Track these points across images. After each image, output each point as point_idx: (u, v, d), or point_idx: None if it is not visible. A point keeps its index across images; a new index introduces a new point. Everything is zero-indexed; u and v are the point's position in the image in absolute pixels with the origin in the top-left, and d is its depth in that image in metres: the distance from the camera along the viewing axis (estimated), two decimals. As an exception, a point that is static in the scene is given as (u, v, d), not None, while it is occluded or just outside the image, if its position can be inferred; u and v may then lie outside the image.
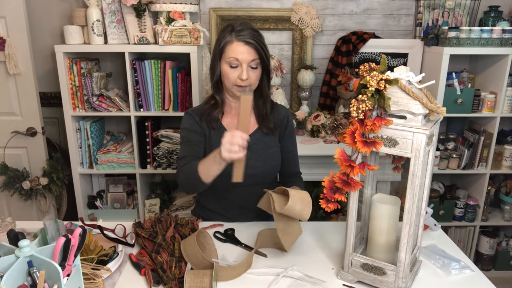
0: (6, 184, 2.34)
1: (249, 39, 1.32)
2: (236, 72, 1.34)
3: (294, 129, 1.58)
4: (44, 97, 2.50)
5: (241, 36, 1.32)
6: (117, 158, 2.34)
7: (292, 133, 1.55)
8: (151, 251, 1.19)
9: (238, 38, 1.32)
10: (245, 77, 1.33)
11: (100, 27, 2.19)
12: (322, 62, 2.59)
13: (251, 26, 1.37)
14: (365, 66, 1.04)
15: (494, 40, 2.18)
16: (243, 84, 1.35)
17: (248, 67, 1.34)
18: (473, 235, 2.55)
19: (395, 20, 2.54)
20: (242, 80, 1.34)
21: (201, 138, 1.44)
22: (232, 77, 1.35)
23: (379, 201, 1.09)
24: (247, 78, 1.33)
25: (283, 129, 1.52)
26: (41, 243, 1.09)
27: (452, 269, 1.17)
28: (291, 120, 1.55)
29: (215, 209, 1.53)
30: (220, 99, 1.44)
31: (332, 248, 1.30)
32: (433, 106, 0.93)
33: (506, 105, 2.30)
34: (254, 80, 1.37)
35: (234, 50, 1.32)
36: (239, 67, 1.34)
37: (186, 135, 1.44)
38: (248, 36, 1.32)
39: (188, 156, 1.38)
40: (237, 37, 1.33)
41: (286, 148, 1.52)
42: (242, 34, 1.32)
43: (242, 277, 1.13)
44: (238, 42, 1.32)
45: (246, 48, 1.32)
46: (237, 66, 1.34)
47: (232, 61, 1.33)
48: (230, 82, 1.36)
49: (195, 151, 1.40)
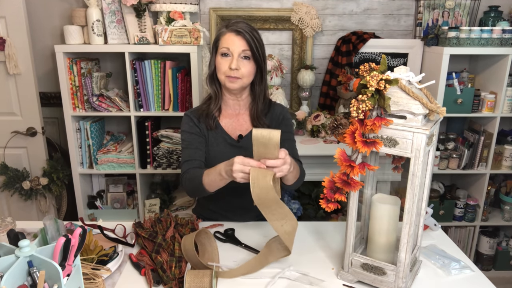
0: (6, 184, 2.34)
1: (241, 29, 1.34)
2: (227, 61, 1.36)
3: (292, 123, 1.57)
4: (44, 97, 2.50)
5: (233, 26, 1.35)
6: (117, 158, 2.34)
7: (289, 125, 1.53)
8: (151, 251, 1.19)
9: (230, 29, 1.36)
10: (234, 66, 1.33)
11: (100, 27, 2.19)
12: (322, 62, 2.59)
13: (247, 22, 1.40)
14: (365, 66, 1.04)
15: (494, 40, 2.18)
16: (233, 75, 1.35)
17: (239, 58, 1.35)
18: (473, 235, 2.55)
19: (395, 20, 2.54)
20: (231, 70, 1.34)
21: (202, 139, 1.45)
22: (223, 67, 1.36)
23: (379, 201, 1.09)
24: (236, 67, 1.34)
25: (279, 123, 1.50)
26: (41, 243, 1.09)
27: (452, 269, 1.17)
28: (288, 115, 1.54)
29: (215, 208, 1.54)
30: (213, 92, 1.45)
31: (332, 248, 1.30)
32: (433, 106, 0.93)
33: (506, 105, 2.30)
34: (246, 73, 1.37)
35: (226, 40, 1.35)
36: (230, 57, 1.35)
37: (187, 138, 1.45)
38: (240, 27, 1.35)
39: (190, 160, 1.40)
40: (229, 28, 1.36)
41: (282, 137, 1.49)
42: (234, 26, 1.35)
43: (241, 277, 1.13)
44: (230, 32, 1.35)
45: (237, 38, 1.34)
46: (228, 55, 1.36)
47: (223, 50, 1.36)
48: (221, 72, 1.37)
49: (197, 155, 1.42)
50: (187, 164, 1.40)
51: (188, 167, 1.39)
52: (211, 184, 1.26)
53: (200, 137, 1.45)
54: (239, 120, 1.49)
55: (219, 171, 1.19)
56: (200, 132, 1.45)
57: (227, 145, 1.46)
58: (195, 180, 1.30)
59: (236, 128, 1.48)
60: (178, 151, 2.29)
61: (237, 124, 1.48)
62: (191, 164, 1.39)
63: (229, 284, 1.11)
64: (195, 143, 1.43)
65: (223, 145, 1.45)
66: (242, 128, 1.48)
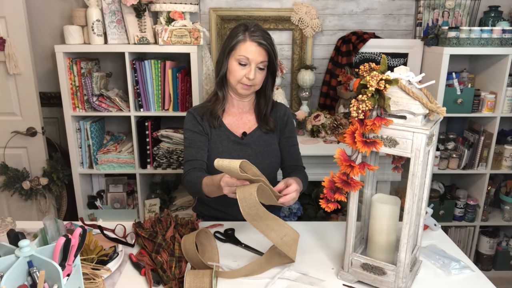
0: (6, 184, 2.34)
1: (262, 40, 1.36)
2: (244, 70, 1.38)
3: (295, 126, 1.60)
4: (44, 97, 2.50)
5: (254, 36, 1.36)
6: (117, 158, 2.34)
7: (293, 129, 1.57)
8: (151, 251, 1.19)
9: (252, 38, 1.36)
10: (252, 77, 1.37)
11: (100, 27, 2.19)
12: (322, 62, 2.59)
13: (263, 28, 1.41)
14: (365, 66, 1.04)
15: (494, 40, 2.18)
16: (248, 84, 1.39)
17: (256, 68, 1.38)
18: (473, 235, 2.55)
19: (395, 20, 2.54)
20: (248, 79, 1.38)
21: (204, 137, 1.47)
22: (239, 74, 1.38)
23: (379, 201, 1.09)
24: (254, 78, 1.37)
25: (284, 125, 1.54)
26: (41, 243, 1.09)
27: (452, 269, 1.17)
28: (291, 116, 1.58)
29: (216, 206, 1.55)
30: (222, 95, 1.47)
31: (332, 248, 1.30)
32: (433, 106, 0.93)
33: (506, 105, 2.30)
34: (259, 81, 1.42)
35: (247, 49, 1.36)
36: (248, 66, 1.38)
37: (189, 137, 1.47)
38: (261, 37, 1.37)
39: (192, 160, 1.42)
40: (250, 37, 1.36)
41: (287, 143, 1.54)
42: (256, 35, 1.36)
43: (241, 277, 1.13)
44: (252, 42, 1.36)
45: (258, 49, 1.36)
46: (246, 64, 1.38)
47: (242, 59, 1.37)
48: (236, 79, 1.40)
49: (199, 155, 1.44)
50: (189, 164, 1.42)
51: (189, 167, 1.41)
52: (210, 193, 1.29)
53: (202, 136, 1.46)
54: (243, 119, 1.51)
55: (217, 185, 1.20)
56: (202, 131, 1.47)
57: (230, 142, 1.47)
58: (195, 186, 1.33)
59: (239, 126, 1.50)
60: (178, 151, 2.29)
61: (241, 122, 1.50)
62: (193, 164, 1.42)
63: (229, 284, 1.11)
64: (198, 142, 1.45)
65: (226, 142, 1.47)
66: (245, 126, 1.51)
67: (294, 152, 1.55)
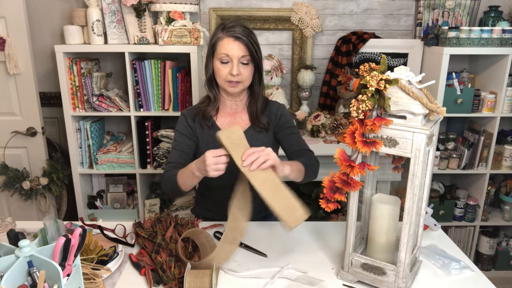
0: (6, 184, 2.34)
1: (239, 34, 1.34)
2: (227, 68, 1.36)
3: (290, 117, 1.57)
4: (44, 97, 2.50)
5: (231, 32, 1.35)
6: (117, 158, 2.34)
7: (289, 120, 1.53)
8: (151, 251, 1.19)
9: (229, 34, 1.35)
10: (235, 73, 1.35)
11: (100, 27, 2.19)
12: (322, 62, 2.59)
13: (242, 23, 1.39)
14: (365, 66, 1.04)
15: (494, 40, 2.18)
16: (234, 80, 1.37)
17: (239, 63, 1.36)
18: (473, 235, 2.55)
19: (395, 20, 2.54)
20: (232, 76, 1.36)
21: (191, 141, 1.46)
22: (224, 73, 1.37)
23: (379, 201, 1.09)
24: (238, 73, 1.35)
25: (277, 119, 1.50)
26: (41, 243, 1.09)
27: (452, 269, 1.17)
28: (285, 109, 1.54)
29: (213, 207, 1.54)
30: (213, 96, 1.46)
31: (332, 248, 1.30)
32: (433, 106, 0.93)
33: (506, 105, 2.30)
34: (246, 77, 1.39)
35: (225, 46, 1.35)
36: (230, 63, 1.36)
37: (177, 139, 1.47)
38: (238, 32, 1.34)
39: (173, 163, 1.42)
40: (227, 33, 1.35)
41: (284, 133, 1.50)
42: (232, 30, 1.35)
43: (241, 277, 1.13)
44: (229, 38, 1.34)
45: (236, 44, 1.34)
46: (228, 62, 1.36)
47: (223, 57, 1.35)
48: (222, 78, 1.38)
49: (182, 158, 1.43)
50: (169, 166, 1.41)
51: (169, 168, 1.40)
52: (185, 183, 1.29)
53: (190, 140, 1.46)
54: (236, 119, 1.50)
55: (191, 170, 1.22)
56: (192, 133, 1.46)
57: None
58: (171, 180, 1.33)
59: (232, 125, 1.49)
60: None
61: (234, 122, 1.50)
62: (172, 166, 1.41)
63: (229, 284, 1.11)
64: (183, 146, 1.45)
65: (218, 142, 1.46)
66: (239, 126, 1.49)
67: (294, 138, 1.50)
